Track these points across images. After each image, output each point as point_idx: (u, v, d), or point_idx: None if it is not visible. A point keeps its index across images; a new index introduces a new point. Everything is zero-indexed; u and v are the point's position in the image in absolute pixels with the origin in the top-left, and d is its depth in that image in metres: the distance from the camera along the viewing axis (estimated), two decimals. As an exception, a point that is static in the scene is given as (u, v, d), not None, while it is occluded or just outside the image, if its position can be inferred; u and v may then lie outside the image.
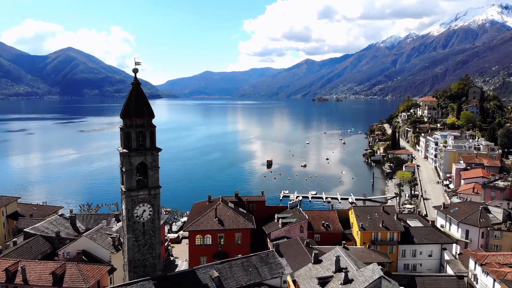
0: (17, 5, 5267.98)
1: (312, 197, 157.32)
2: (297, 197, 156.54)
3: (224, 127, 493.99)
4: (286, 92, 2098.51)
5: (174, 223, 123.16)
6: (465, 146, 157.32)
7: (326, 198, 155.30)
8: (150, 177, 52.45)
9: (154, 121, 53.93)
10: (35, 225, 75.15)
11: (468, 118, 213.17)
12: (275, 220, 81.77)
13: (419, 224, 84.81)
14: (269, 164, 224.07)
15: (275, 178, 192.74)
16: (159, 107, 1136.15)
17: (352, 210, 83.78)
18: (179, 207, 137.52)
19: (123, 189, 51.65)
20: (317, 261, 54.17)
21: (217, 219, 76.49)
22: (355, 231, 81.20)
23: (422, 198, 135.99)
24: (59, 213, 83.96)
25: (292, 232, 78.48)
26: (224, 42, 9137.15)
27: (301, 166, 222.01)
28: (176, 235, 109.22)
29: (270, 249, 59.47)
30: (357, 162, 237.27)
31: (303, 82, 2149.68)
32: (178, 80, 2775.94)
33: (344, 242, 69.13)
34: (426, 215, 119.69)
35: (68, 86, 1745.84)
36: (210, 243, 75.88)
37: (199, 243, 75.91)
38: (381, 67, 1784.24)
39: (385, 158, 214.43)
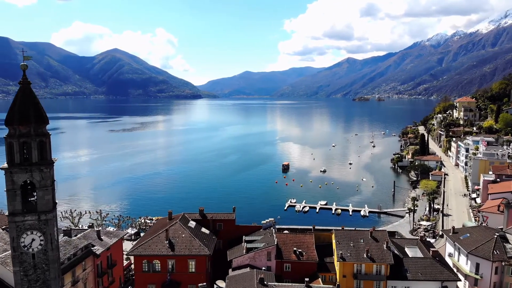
0: (66, 8, 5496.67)
1: (320, 208, 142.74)
2: (303, 207, 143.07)
3: (253, 127, 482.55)
4: (326, 91, 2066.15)
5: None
6: (497, 154, 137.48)
7: (335, 209, 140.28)
8: (39, 198, 42.68)
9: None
10: (-32, 241, 66.85)
11: (507, 121, 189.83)
12: (242, 244, 69.60)
13: (419, 254, 69.98)
14: (285, 168, 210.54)
15: (286, 184, 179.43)
16: (198, 107, 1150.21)
17: (334, 234, 69.94)
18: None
19: (6, 213, 42.28)
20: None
21: (167, 242, 65.31)
22: (336, 260, 67.49)
23: (441, 213, 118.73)
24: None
25: (258, 260, 66.08)
26: (264, 42, 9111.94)
27: (320, 171, 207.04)
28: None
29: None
30: (383, 168, 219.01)
31: (343, 81, 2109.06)
32: (219, 80, 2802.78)
33: (306, 279, 55.80)
34: (441, 235, 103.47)
35: (113, 86, 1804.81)
36: (159, 269, 64.92)
37: (146, 270, 65.07)
38: (426, 66, 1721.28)
39: (411, 165, 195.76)
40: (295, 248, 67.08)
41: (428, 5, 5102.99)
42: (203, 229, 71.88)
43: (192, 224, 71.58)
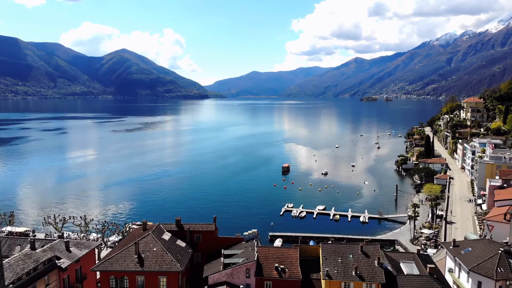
0: (75, 9, 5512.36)
1: (318, 213, 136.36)
2: (300, 212, 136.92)
3: (257, 128, 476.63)
4: (333, 91, 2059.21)
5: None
6: (505, 158, 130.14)
7: (334, 215, 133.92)
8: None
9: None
10: None
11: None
12: (221, 258, 63.70)
13: (415, 271, 63.48)
14: (285, 170, 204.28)
15: (285, 187, 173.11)
16: (205, 107, 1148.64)
17: (321, 248, 63.78)
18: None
19: None
20: None
21: (137, 256, 59.67)
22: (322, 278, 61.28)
23: (445, 221, 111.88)
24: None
25: (236, 277, 60.25)
26: (271, 42, 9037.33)
27: (322, 173, 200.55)
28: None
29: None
30: (386, 170, 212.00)
31: (351, 81, 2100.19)
32: (226, 80, 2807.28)
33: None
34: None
35: (122, 86, 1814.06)
36: (127, 287, 59.26)
37: (113, 286, 59.45)
38: (434, 65, 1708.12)
39: (415, 168, 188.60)
40: (277, 264, 61.00)
41: (437, 5, 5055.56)
42: (179, 242, 66.04)
43: (167, 236, 65.80)
